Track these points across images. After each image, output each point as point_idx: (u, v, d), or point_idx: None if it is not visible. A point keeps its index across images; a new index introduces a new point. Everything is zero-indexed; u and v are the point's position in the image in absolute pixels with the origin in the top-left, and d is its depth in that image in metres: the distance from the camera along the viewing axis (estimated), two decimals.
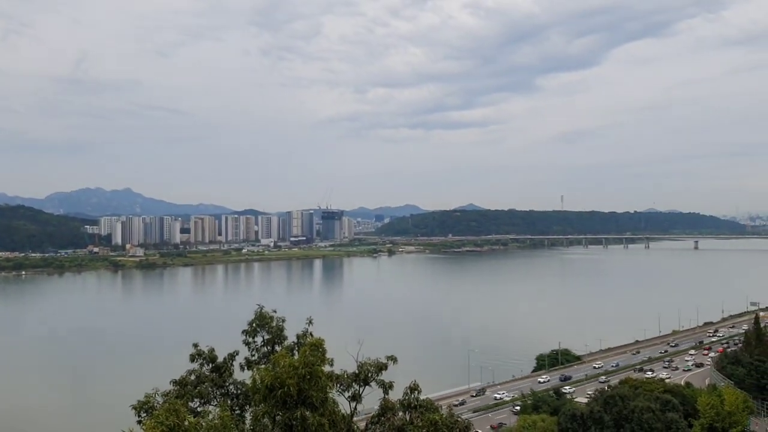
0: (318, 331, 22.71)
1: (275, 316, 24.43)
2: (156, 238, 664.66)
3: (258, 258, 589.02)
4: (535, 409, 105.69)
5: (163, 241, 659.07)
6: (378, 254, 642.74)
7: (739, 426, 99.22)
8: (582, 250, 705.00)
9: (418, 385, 22.02)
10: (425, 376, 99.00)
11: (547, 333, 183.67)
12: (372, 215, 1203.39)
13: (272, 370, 18.24)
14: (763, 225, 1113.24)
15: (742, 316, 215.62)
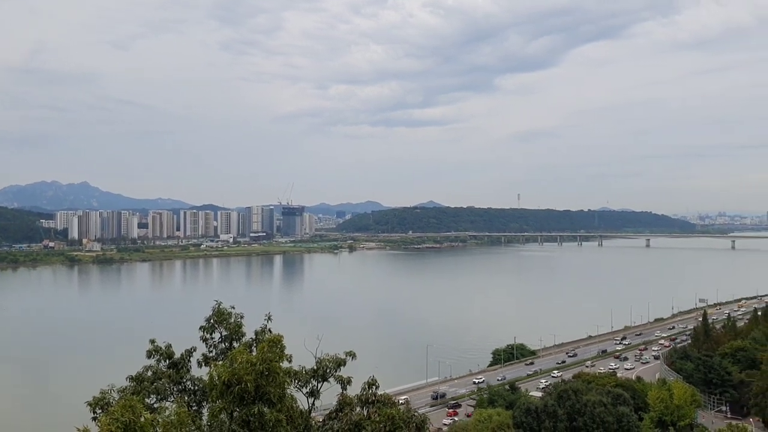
0: (277, 327, 22.80)
1: (233, 313, 24.40)
2: (113, 232, 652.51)
3: (217, 254, 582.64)
4: (491, 403, 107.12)
5: (121, 236, 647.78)
6: (339, 250, 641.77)
7: (687, 419, 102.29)
8: (537, 248, 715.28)
9: (375, 380, 22.27)
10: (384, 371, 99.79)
11: (503, 328, 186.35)
12: (333, 211, 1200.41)
13: (230, 366, 18.31)
14: (712, 224, 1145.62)
15: (690, 313, 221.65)
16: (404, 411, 21.36)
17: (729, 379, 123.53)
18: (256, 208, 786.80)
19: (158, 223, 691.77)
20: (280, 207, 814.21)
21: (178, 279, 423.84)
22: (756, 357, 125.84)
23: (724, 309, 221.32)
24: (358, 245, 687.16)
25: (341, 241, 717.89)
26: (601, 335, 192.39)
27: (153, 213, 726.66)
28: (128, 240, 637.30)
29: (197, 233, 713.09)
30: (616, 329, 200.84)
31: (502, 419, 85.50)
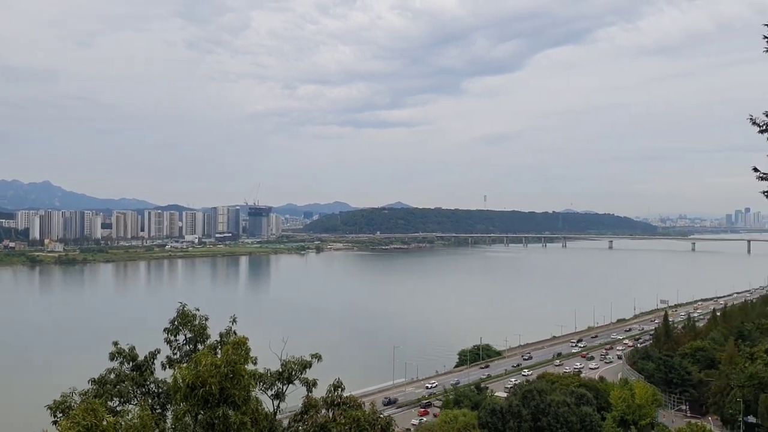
0: (242, 329, 22.72)
1: (198, 315, 24.22)
2: (76, 233, 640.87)
3: (182, 255, 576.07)
4: (457, 404, 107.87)
5: (84, 237, 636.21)
6: (306, 251, 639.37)
7: (648, 418, 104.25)
8: (503, 249, 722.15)
9: (341, 382, 22.33)
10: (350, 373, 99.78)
11: (469, 329, 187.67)
12: (301, 212, 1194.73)
13: (194, 368, 18.21)
14: (672, 226, 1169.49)
15: (652, 313, 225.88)
16: (370, 413, 21.48)
17: (689, 379, 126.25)
18: (221, 208, 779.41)
19: (122, 224, 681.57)
20: (246, 207, 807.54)
21: (142, 280, 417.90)
22: (715, 357, 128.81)
23: (680, 311, 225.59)
24: (325, 246, 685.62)
25: (308, 241, 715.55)
26: (565, 335, 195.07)
27: (117, 213, 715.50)
28: (91, 240, 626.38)
29: (162, 234, 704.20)
30: (580, 329, 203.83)
31: (467, 420, 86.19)
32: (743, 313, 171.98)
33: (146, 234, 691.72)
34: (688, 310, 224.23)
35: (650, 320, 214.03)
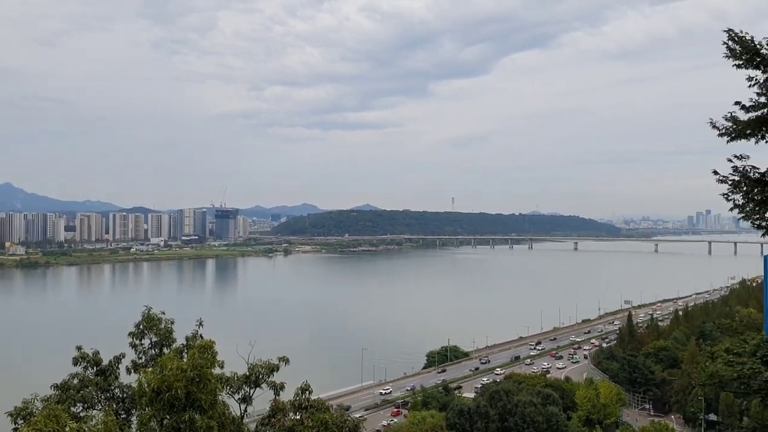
0: (209, 332, 22.59)
1: (164, 318, 24.01)
2: (39, 236, 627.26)
3: (147, 258, 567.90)
4: (425, 405, 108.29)
5: (47, 240, 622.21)
6: (273, 254, 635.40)
7: (612, 417, 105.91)
8: (471, 250, 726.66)
9: (309, 385, 22.32)
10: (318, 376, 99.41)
11: (437, 330, 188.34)
12: (268, 214, 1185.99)
13: (160, 373, 18.06)
14: (636, 228, 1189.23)
15: (616, 314, 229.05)
16: (338, 415, 21.53)
17: (652, 378, 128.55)
18: (188, 210, 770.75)
19: (86, 226, 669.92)
20: (213, 210, 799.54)
21: (106, 284, 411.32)
22: (677, 356, 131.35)
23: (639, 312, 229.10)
24: (293, 248, 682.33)
25: (276, 244, 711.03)
26: (532, 335, 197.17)
27: (81, 215, 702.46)
28: (54, 243, 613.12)
29: (127, 236, 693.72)
30: (546, 330, 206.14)
31: (435, 421, 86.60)
32: (704, 313, 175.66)
33: (111, 237, 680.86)
34: (649, 311, 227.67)
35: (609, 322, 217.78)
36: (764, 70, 14.02)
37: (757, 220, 15.28)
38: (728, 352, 23.54)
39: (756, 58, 13.94)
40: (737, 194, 15.08)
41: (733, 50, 14.17)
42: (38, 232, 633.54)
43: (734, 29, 14.20)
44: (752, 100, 14.51)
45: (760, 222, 15.25)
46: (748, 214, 15.33)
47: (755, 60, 13.96)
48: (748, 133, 14.76)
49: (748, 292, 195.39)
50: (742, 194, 15.06)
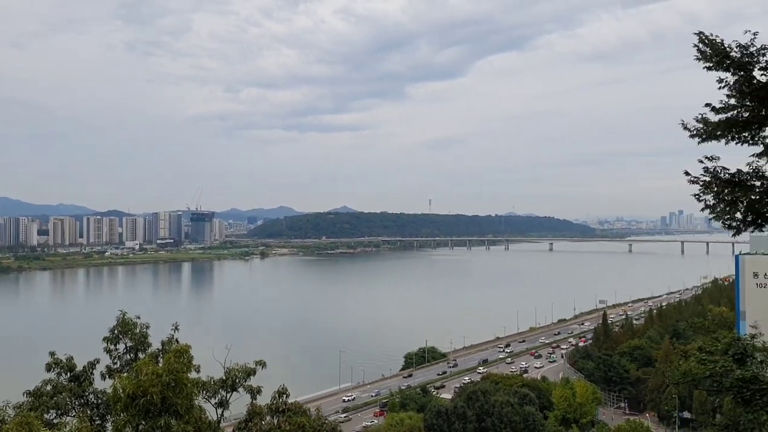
0: (184, 337, 22.41)
1: (139, 323, 23.75)
2: (10, 240, 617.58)
3: (122, 261, 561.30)
4: (403, 407, 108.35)
5: (19, 244, 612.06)
6: (250, 257, 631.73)
7: (588, 416, 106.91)
8: (448, 252, 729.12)
9: (286, 389, 22.24)
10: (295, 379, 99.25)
11: (415, 332, 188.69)
12: (245, 217, 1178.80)
13: (135, 378, 17.90)
14: (610, 228, 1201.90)
15: (591, 314, 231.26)
16: (315, 419, 21.49)
17: (627, 377, 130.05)
18: (163, 213, 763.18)
19: (60, 230, 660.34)
20: (188, 213, 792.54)
21: (81, 288, 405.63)
22: (651, 355, 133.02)
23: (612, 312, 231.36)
24: (270, 251, 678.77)
25: (253, 247, 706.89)
26: (508, 336, 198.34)
27: (54, 219, 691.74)
28: (27, 248, 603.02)
29: (101, 240, 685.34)
30: (522, 330, 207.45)
31: (413, 422, 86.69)
32: (678, 312, 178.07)
33: (85, 241, 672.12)
34: (621, 311, 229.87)
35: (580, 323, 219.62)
36: (734, 72, 14.25)
37: (727, 221, 15.53)
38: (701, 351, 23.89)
39: (726, 61, 14.16)
40: (708, 195, 15.32)
41: (703, 53, 14.39)
42: (10, 237, 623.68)
43: (705, 32, 14.43)
44: (722, 102, 14.75)
45: (731, 222, 15.50)
46: (719, 215, 15.57)
47: (725, 62, 14.18)
48: (719, 135, 15.01)
49: (720, 291, 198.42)
50: (713, 195, 15.29)
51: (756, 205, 15.08)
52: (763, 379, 20.94)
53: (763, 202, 15.01)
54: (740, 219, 15.34)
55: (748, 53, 13.81)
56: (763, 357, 24.75)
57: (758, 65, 13.87)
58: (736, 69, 14.12)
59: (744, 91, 14.27)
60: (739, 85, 14.28)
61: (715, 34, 14.29)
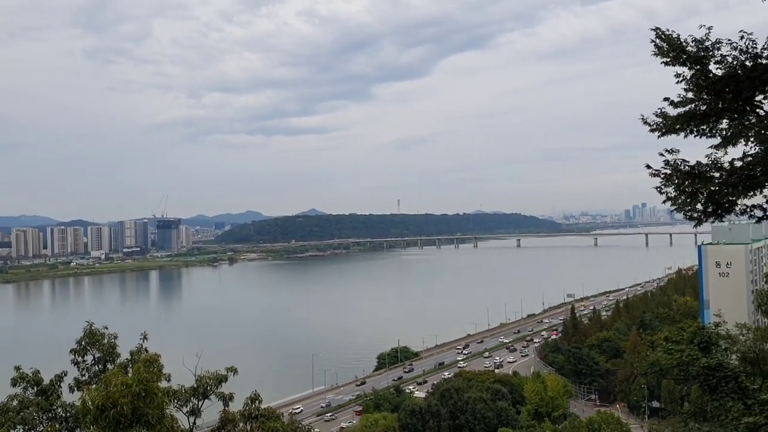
0: (154, 346, 22.11)
1: (107, 333, 23.36)
2: None
3: (88, 271, 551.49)
4: (377, 407, 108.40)
5: None
6: (218, 263, 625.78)
7: (560, 409, 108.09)
8: (418, 251, 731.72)
9: (258, 394, 22.07)
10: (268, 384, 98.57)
11: (387, 332, 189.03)
12: (212, 223, 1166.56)
13: (104, 389, 17.60)
14: (576, 223, 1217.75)
15: (560, 308, 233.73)
16: (288, 423, 21.39)
17: (597, 369, 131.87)
18: (128, 222, 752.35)
19: (22, 242, 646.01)
20: (154, 220, 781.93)
21: (46, 300, 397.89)
22: (620, 346, 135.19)
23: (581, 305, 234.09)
24: (238, 257, 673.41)
25: (221, 253, 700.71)
26: (479, 333, 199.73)
27: (16, 230, 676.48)
28: None
29: (66, 251, 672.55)
30: (492, 326, 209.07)
31: (388, 423, 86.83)
32: (644, 304, 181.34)
33: (49, 251, 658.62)
34: (590, 304, 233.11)
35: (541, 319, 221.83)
36: (690, 66, 14.53)
37: (689, 212, 15.82)
38: (667, 341, 24.37)
39: (682, 55, 14.44)
40: (670, 187, 15.59)
41: (660, 48, 14.66)
42: None
43: (661, 28, 14.71)
44: (680, 96, 15.04)
45: (692, 213, 15.80)
46: (680, 206, 15.86)
47: (682, 57, 14.46)
48: (678, 128, 15.29)
49: (685, 282, 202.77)
50: (674, 187, 15.57)
51: (715, 196, 15.40)
52: (728, 366, 21.44)
53: (723, 193, 15.34)
54: (701, 210, 15.65)
55: (703, 47, 14.11)
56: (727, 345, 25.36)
57: (713, 59, 14.17)
58: (693, 63, 14.41)
59: (701, 84, 14.56)
60: (696, 79, 14.57)
61: (672, 30, 14.58)
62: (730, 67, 14.02)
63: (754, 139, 14.86)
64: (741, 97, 14.34)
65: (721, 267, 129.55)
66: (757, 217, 15.45)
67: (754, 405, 18.97)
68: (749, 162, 14.89)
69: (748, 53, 13.68)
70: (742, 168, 14.96)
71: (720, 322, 29.42)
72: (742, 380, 20.78)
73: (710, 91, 14.56)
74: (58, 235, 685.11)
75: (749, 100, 14.40)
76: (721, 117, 15.08)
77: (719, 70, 14.22)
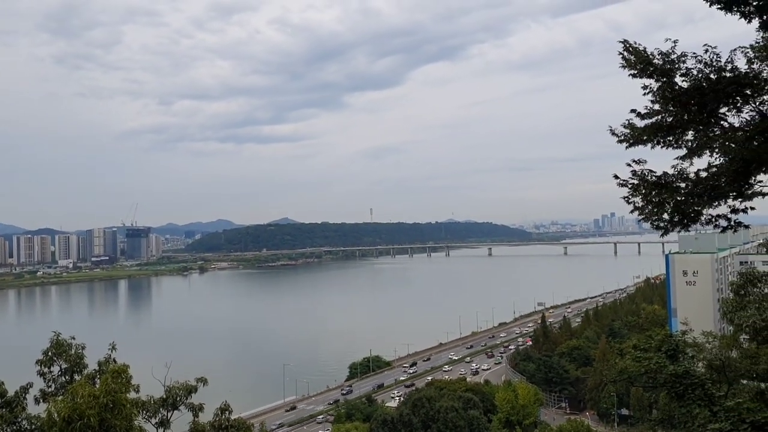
0: (122, 356, 21.83)
1: (74, 344, 23.01)
2: None
3: (55, 281, 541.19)
4: (348, 417, 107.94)
5: None
6: (189, 272, 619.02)
7: (531, 417, 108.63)
8: (390, 260, 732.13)
9: (228, 405, 21.91)
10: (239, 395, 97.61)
11: (359, 341, 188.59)
12: (182, 231, 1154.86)
13: (71, 401, 17.33)
14: (546, 232, 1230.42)
15: (530, 316, 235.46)
16: None
17: (567, 377, 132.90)
18: (97, 230, 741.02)
19: None
20: (123, 229, 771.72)
21: (11, 310, 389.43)
22: (589, 354, 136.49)
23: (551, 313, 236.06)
24: (209, 266, 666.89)
25: (191, 262, 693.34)
26: (451, 341, 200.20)
27: None
28: None
29: (33, 260, 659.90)
30: (464, 335, 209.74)
31: None
32: (613, 312, 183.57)
33: (15, 260, 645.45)
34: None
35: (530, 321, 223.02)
36: (657, 78, 14.82)
37: (656, 221, 16.08)
38: (636, 349, 24.70)
39: (649, 68, 14.72)
40: (637, 197, 15.84)
41: (628, 60, 14.94)
42: None
43: (629, 40, 14.99)
44: (647, 108, 15.32)
45: (659, 223, 16.06)
46: (647, 216, 16.11)
47: (649, 69, 14.74)
48: (645, 139, 15.56)
49: (653, 290, 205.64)
50: (641, 197, 15.82)
51: (682, 206, 15.68)
52: (695, 373, 21.79)
53: (688, 203, 15.63)
54: (668, 220, 15.92)
55: (669, 60, 14.40)
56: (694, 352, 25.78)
57: (679, 72, 14.46)
58: (659, 75, 14.69)
59: (667, 96, 14.85)
60: (663, 91, 14.85)
61: (639, 42, 14.88)
62: (695, 80, 14.32)
63: (718, 151, 15.19)
64: (706, 110, 14.66)
65: (687, 276, 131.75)
66: (722, 227, 15.77)
67: (720, 412, 19.26)
68: (714, 173, 15.21)
69: (713, 66, 14.00)
70: (707, 179, 15.27)
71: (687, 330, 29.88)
72: (708, 387, 21.14)
73: (676, 103, 14.85)
74: (24, 244, 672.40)
75: (714, 113, 14.72)
76: (686, 129, 15.38)
77: (685, 83, 14.52)
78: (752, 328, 23.26)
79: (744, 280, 25.77)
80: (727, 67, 13.96)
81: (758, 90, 14.15)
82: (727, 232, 17.02)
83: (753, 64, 14.28)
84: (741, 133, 14.64)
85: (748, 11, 13.05)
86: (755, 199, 15.31)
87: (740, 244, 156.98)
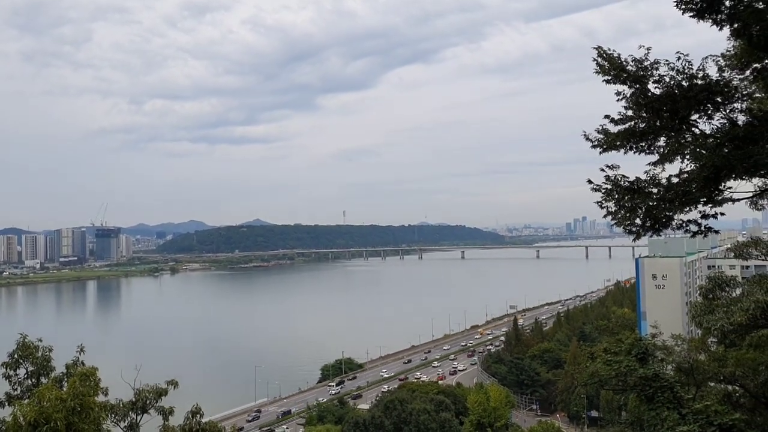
0: (91, 359, 21.45)
1: (41, 346, 22.56)
2: None
3: (22, 282, 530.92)
4: (320, 419, 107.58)
5: None
6: (160, 273, 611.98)
7: (503, 419, 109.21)
8: (363, 262, 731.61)
9: (200, 408, 21.64)
10: (210, 397, 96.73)
11: (331, 343, 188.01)
12: (153, 232, 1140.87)
13: (37, 404, 16.97)
14: (519, 235, 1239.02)
15: (502, 319, 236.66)
16: None
17: (538, 379, 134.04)
18: (66, 230, 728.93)
19: None
20: (93, 229, 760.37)
21: None
22: (560, 357, 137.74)
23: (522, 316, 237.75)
24: (180, 267, 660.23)
25: (162, 263, 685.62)
26: (423, 344, 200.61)
27: None
28: None
29: None
30: (436, 338, 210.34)
31: None
32: (584, 315, 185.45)
33: None
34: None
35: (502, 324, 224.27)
36: (630, 85, 14.99)
37: (628, 226, 16.27)
38: (606, 352, 24.96)
39: (623, 74, 14.89)
40: (610, 202, 16.02)
41: (602, 66, 15.10)
42: None
43: (603, 47, 15.15)
44: (620, 114, 15.50)
45: (631, 227, 16.26)
46: (620, 220, 16.28)
47: (622, 76, 14.91)
48: (618, 145, 15.74)
49: (623, 294, 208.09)
50: (614, 202, 15.99)
51: (653, 211, 15.88)
52: (664, 376, 22.08)
53: (660, 208, 15.84)
54: (639, 224, 16.12)
55: (643, 67, 14.59)
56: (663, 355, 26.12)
57: (652, 78, 14.65)
58: (633, 82, 14.87)
59: (640, 103, 15.03)
60: (636, 98, 15.03)
61: (613, 49, 15.04)
62: (667, 87, 14.51)
63: (689, 157, 15.41)
64: (678, 116, 14.86)
65: (657, 279, 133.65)
66: (693, 232, 15.99)
67: (688, 414, 19.54)
68: (685, 178, 15.42)
69: (685, 74, 14.20)
70: (679, 184, 15.48)
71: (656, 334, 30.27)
72: (677, 390, 21.43)
73: (649, 109, 15.04)
74: None
75: (685, 119, 14.94)
76: (659, 135, 15.58)
77: (657, 89, 14.70)
78: (720, 332, 23.64)
79: (712, 284, 26.17)
80: (699, 74, 14.18)
81: (729, 98, 14.39)
82: (697, 237, 17.29)
83: (724, 72, 14.53)
84: (712, 139, 14.88)
85: (720, 19, 13.26)
86: (725, 204, 15.56)
87: (708, 248, 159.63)
